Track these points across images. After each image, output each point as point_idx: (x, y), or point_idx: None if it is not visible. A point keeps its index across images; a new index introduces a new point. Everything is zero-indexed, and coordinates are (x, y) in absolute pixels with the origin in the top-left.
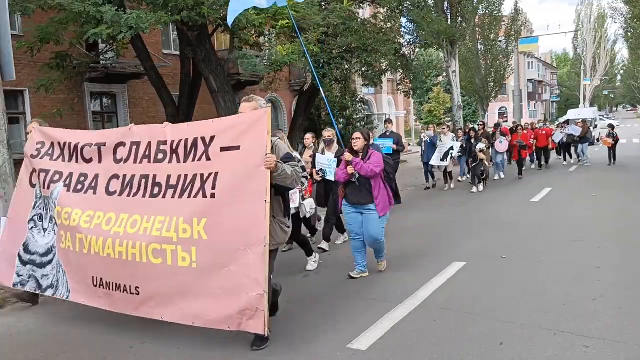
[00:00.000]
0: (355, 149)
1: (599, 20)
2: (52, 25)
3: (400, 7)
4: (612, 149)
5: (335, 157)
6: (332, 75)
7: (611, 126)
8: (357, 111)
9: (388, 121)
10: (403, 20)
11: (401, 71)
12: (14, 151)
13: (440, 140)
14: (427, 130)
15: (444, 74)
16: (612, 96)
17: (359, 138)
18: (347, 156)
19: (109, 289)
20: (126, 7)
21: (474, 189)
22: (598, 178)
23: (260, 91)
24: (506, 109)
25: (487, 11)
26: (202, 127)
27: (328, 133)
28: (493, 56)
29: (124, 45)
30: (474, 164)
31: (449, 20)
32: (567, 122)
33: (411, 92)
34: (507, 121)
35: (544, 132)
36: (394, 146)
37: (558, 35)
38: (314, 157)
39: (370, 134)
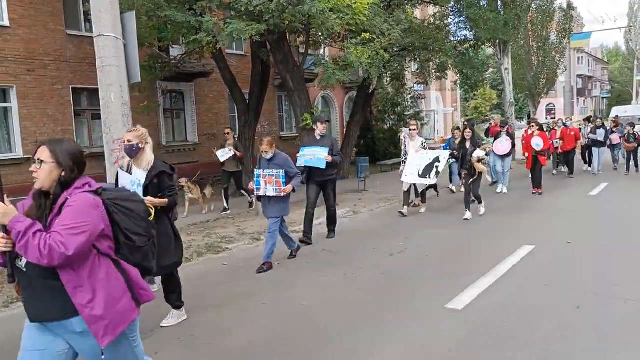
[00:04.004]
0: (38, 186)
1: None
2: (146, 31)
3: (458, 6)
4: (633, 154)
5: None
6: (391, 73)
7: (632, 125)
8: (409, 107)
9: (320, 120)
10: (460, 18)
11: (466, 68)
12: (95, 145)
13: (404, 145)
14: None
15: (490, 70)
16: None
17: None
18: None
19: None
20: (204, 15)
21: (467, 214)
22: None
23: (315, 88)
24: (554, 106)
25: (540, 7)
26: None
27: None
28: (545, 52)
29: (211, 50)
30: (472, 180)
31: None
32: (589, 119)
33: (470, 88)
34: (554, 118)
35: (572, 133)
36: (330, 158)
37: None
38: (116, 177)
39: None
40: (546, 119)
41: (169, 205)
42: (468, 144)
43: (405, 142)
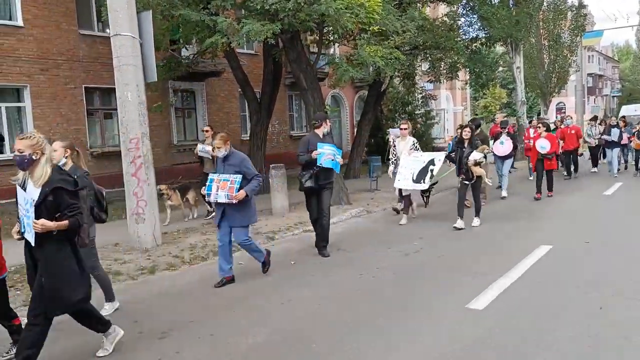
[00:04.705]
0: None
1: None
2: (160, 33)
3: (470, 4)
4: None
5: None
6: (402, 72)
7: None
8: (419, 106)
9: (328, 117)
10: (472, 17)
11: (478, 67)
12: (107, 144)
13: (394, 147)
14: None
15: (500, 69)
16: None
17: None
18: None
19: None
20: (219, 14)
21: (459, 222)
22: None
23: (325, 87)
24: (564, 105)
25: (552, 6)
26: None
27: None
28: (556, 51)
29: (224, 49)
30: (470, 184)
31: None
32: (595, 119)
33: (480, 87)
34: (564, 115)
35: (572, 132)
36: (341, 159)
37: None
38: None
39: None
40: (556, 117)
41: (70, 227)
42: (466, 146)
43: (394, 144)
